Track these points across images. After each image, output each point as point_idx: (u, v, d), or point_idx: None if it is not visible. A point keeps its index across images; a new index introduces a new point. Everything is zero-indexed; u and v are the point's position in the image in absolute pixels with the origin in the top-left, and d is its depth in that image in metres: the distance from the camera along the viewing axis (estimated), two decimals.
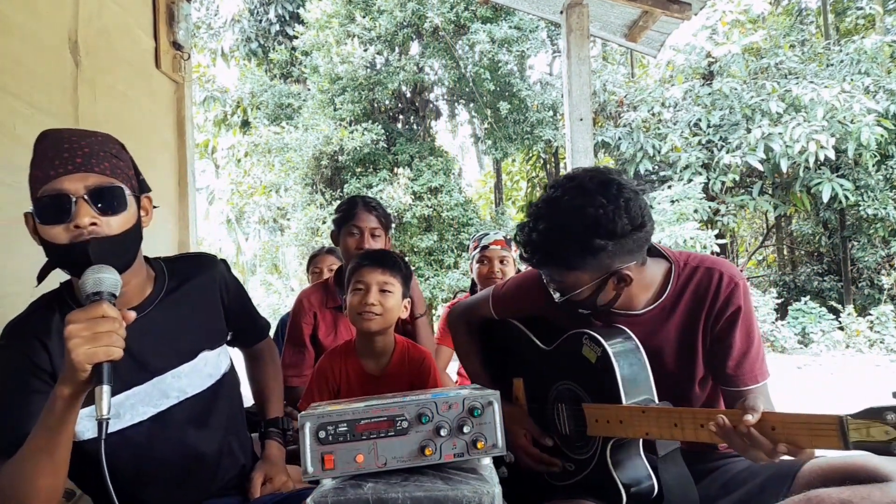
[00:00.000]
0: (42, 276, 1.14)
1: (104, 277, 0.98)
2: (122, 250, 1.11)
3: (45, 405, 0.97)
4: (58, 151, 1.05)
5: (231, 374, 1.37)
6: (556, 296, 1.29)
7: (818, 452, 0.99)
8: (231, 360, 1.39)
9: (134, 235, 1.13)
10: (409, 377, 1.67)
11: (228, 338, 1.40)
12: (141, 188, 1.20)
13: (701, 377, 1.33)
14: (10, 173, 2.15)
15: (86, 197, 1.04)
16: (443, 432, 1.03)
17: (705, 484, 1.30)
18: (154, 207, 1.26)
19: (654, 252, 1.35)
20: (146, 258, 1.25)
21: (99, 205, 1.05)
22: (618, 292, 1.27)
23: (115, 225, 1.07)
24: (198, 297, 1.30)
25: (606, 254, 1.19)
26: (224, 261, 1.42)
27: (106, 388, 0.92)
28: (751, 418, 0.99)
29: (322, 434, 1.01)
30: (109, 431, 1.12)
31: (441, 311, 12.28)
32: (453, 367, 2.86)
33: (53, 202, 1.04)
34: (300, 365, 2.17)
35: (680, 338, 1.32)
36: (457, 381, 2.60)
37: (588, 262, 1.21)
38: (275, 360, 1.59)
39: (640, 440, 1.24)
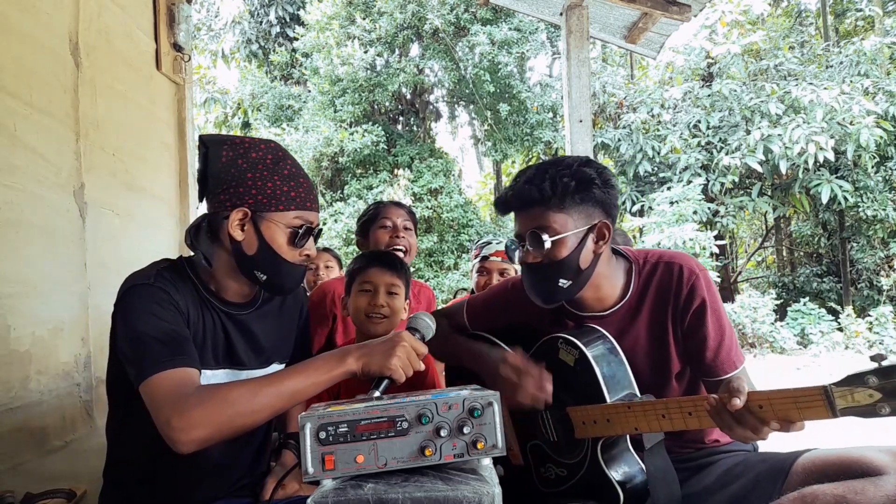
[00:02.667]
0: (195, 247, 1.27)
1: (431, 327, 1.23)
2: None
3: (312, 361, 1.12)
4: (309, 185, 1.25)
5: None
6: (539, 251, 1.25)
7: (808, 424, 1.00)
8: None
9: None
10: (408, 378, 1.67)
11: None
12: None
13: (677, 371, 1.34)
14: (9, 174, 2.15)
15: (315, 234, 1.26)
16: (443, 433, 1.03)
17: (699, 478, 1.30)
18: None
19: (614, 252, 1.37)
20: None
21: (317, 238, 1.28)
22: (596, 254, 1.27)
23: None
24: (286, 312, 1.40)
25: (593, 195, 1.24)
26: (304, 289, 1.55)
27: (377, 396, 1.12)
28: (738, 402, 1.00)
29: (322, 435, 1.01)
30: None
31: None
32: None
33: (310, 230, 1.23)
34: None
35: (650, 335, 1.32)
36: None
37: (577, 201, 1.24)
38: None
39: (628, 436, 1.25)
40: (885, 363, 0.88)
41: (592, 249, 1.27)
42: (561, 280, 1.26)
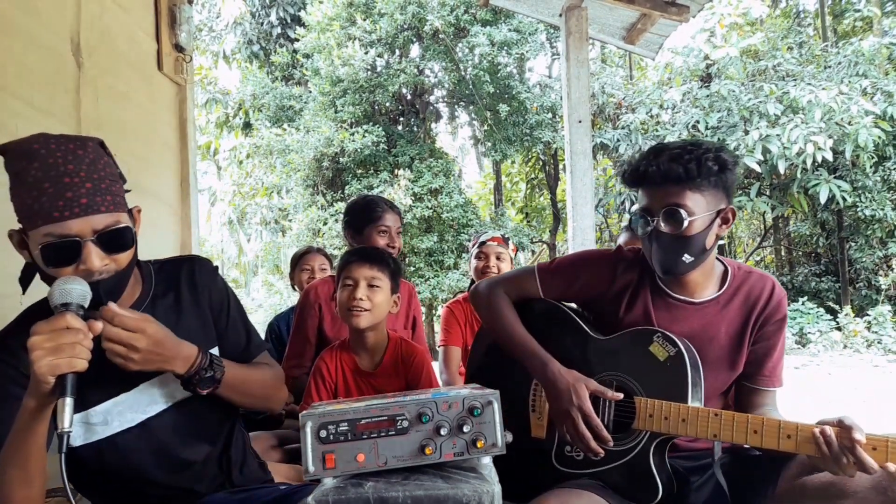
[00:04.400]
0: (25, 283, 1.14)
1: (72, 288, 0.97)
2: (127, 278, 1.13)
3: (16, 417, 0.96)
4: (58, 188, 1.00)
5: None
6: (675, 227, 1.28)
7: None
8: None
9: (135, 258, 1.14)
10: (404, 373, 1.69)
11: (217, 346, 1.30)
12: (123, 180, 1.17)
13: (739, 374, 1.40)
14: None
15: (94, 240, 1.03)
16: (443, 431, 1.04)
17: (703, 480, 1.34)
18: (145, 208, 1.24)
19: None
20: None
21: (108, 246, 1.05)
22: (718, 237, 1.33)
23: (123, 260, 1.08)
24: (186, 301, 1.26)
25: (727, 180, 1.30)
26: (209, 262, 1.36)
27: (69, 401, 0.91)
28: (862, 438, 1.03)
29: (323, 433, 1.02)
30: (99, 438, 1.15)
31: (441, 312, 12.27)
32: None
33: (61, 246, 1.01)
34: (302, 356, 2.21)
35: (730, 333, 1.37)
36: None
37: (713, 184, 1.29)
38: (274, 367, 1.39)
39: (669, 442, 1.30)
40: None
41: (717, 232, 1.32)
42: (686, 255, 1.30)
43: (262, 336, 2.21)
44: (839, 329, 9.61)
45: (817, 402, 5.66)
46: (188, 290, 1.27)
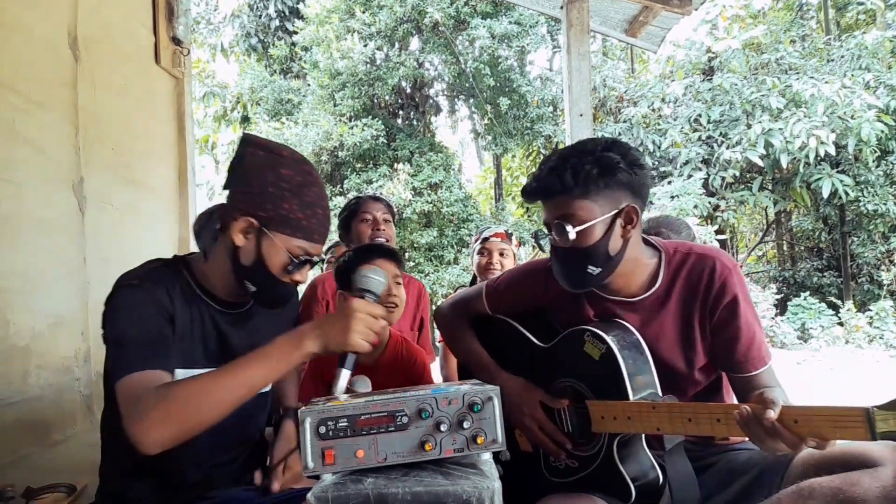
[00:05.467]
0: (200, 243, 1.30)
1: (381, 281, 1.20)
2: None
3: (268, 348, 1.09)
4: (325, 218, 1.24)
5: (271, 392, 1.43)
6: (564, 240, 1.24)
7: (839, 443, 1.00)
8: None
9: None
10: (402, 370, 1.68)
11: None
12: None
13: (702, 365, 1.33)
14: (8, 168, 2.15)
15: (315, 261, 1.25)
16: (443, 427, 1.03)
17: (705, 478, 1.30)
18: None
19: (644, 241, 1.36)
20: None
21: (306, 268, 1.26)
22: (625, 239, 1.25)
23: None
24: (278, 315, 1.39)
25: (619, 180, 1.21)
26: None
27: (345, 373, 1.15)
28: (772, 413, 0.98)
29: (322, 429, 1.01)
30: None
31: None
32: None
33: (307, 262, 1.23)
34: None
35: (677, 326, 1.31)
36: None
37: (601, 187, 1.21)
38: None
39: (643, 434, 1.24)
40: None
41: (621, 234, 1.25)
42: (590, 267, 1.25)
43: None
44: (841, 324, 9.61)
45: (819, 398, 5.66)
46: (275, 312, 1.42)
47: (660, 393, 1.25)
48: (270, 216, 1.17)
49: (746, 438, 1.06)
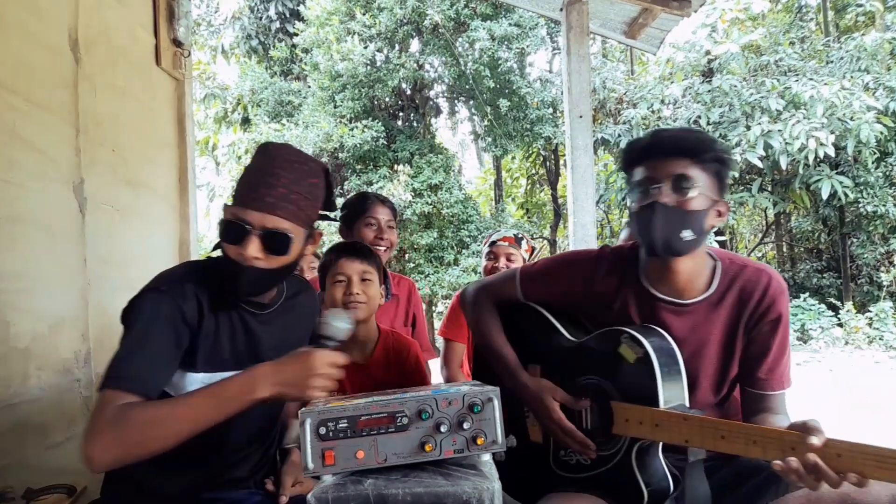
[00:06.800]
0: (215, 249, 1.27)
1: (343, 328, 1.17)
2: (271, 282, 1.26)
3: (223, 385, 1.07)
4: (261, 179, 1.17)
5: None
6: (681, 196, 1.23)
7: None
8: None
9: (288, 268, 1.25)
10: (395, 366, 1.69)
11: None
12: (329, 208, 1.34)
13: (733, 376, 1.33)
14: (8, 170, 2.15)
15: (259, 234, 1.15)
16: (443, 428, 1.03)
17: (714, 481, 1.29)
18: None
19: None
20: None
21: (266, 243, 1.16)
22: (711, 227, 1.28)
23: (275, 263, 1.19)
24: (301, 312, 1.41)
25: (725, 176, 1.27)
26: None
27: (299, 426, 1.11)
28: (816, 441, 0.95)
29: (323, 430, 1.02)
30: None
31: (441, 308, 12.28)
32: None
33: (233, 226, 1.16)
34: None
35: (722, 336, 1.31)
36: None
37: (713, 172, 1.26)
38: None
39: (661, 443, 1.23)
40: None
41: (713, 219, 1.27)
42: (686, 231, 1.23)
43: None
44: (840, 325, 9.61)
45: (818, 399, 5.66)
46: (304, 302, 1.43)
47: (687, 405, 1.23)
48: (229, 202, 1.20)
49: None
